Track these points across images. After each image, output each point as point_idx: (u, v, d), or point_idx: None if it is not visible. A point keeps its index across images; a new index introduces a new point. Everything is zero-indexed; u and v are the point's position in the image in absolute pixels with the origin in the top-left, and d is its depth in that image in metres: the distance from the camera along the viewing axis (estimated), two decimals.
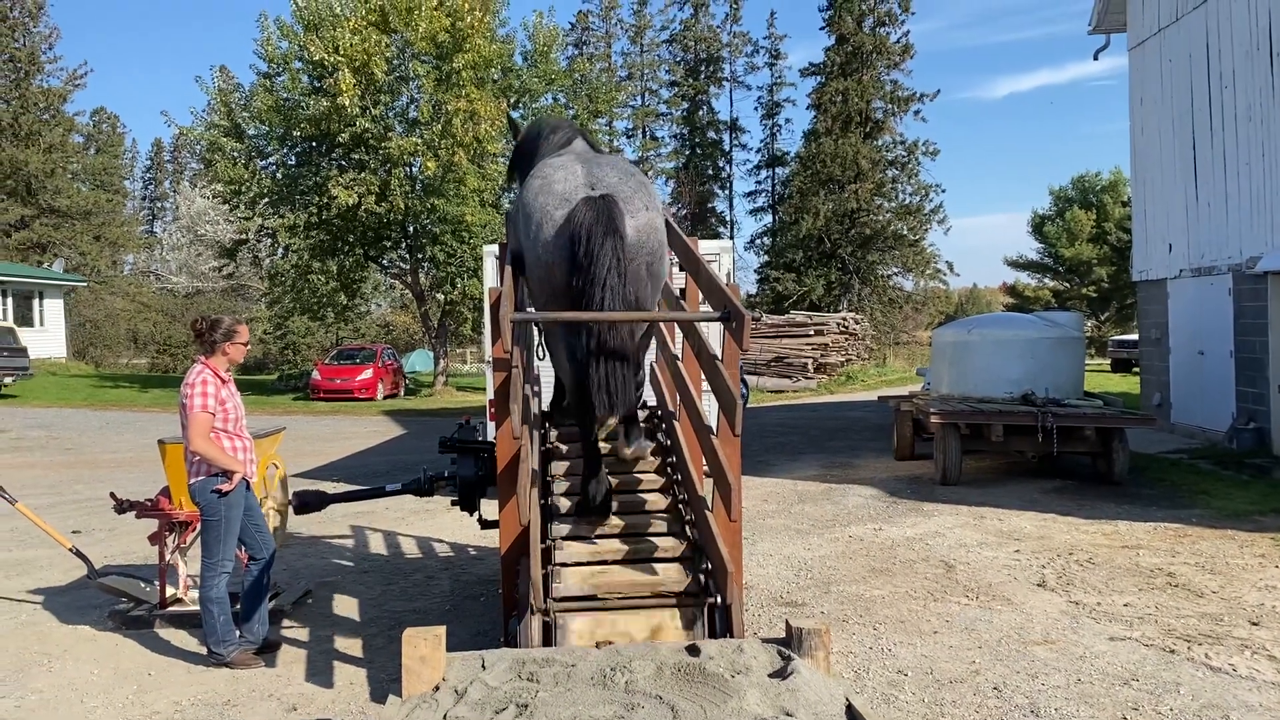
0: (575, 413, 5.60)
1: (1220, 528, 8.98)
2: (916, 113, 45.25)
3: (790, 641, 4.33)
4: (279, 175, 27.49)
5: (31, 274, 38.38)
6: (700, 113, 53.50)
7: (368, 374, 28.51)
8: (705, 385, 5.61)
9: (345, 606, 7.02)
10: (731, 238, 55.05)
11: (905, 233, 45.22)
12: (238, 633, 5.77)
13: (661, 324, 6.55)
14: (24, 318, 35.64)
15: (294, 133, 26.57)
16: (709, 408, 6.04)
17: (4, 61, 47.61)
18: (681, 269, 6.18)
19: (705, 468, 5.69)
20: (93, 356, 43.12)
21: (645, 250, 5.13)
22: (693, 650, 4.28)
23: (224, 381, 5.68)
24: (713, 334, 7.35)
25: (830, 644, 4.33)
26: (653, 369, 7.14)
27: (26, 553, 8.69)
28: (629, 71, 54.21)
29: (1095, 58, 18.89)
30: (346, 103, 24.50)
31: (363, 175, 25.74)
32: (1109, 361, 36.73)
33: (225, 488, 5.52)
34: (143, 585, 6.77)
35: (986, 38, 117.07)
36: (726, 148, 54.67)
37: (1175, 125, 15.77)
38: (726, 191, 54.90)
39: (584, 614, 4.62)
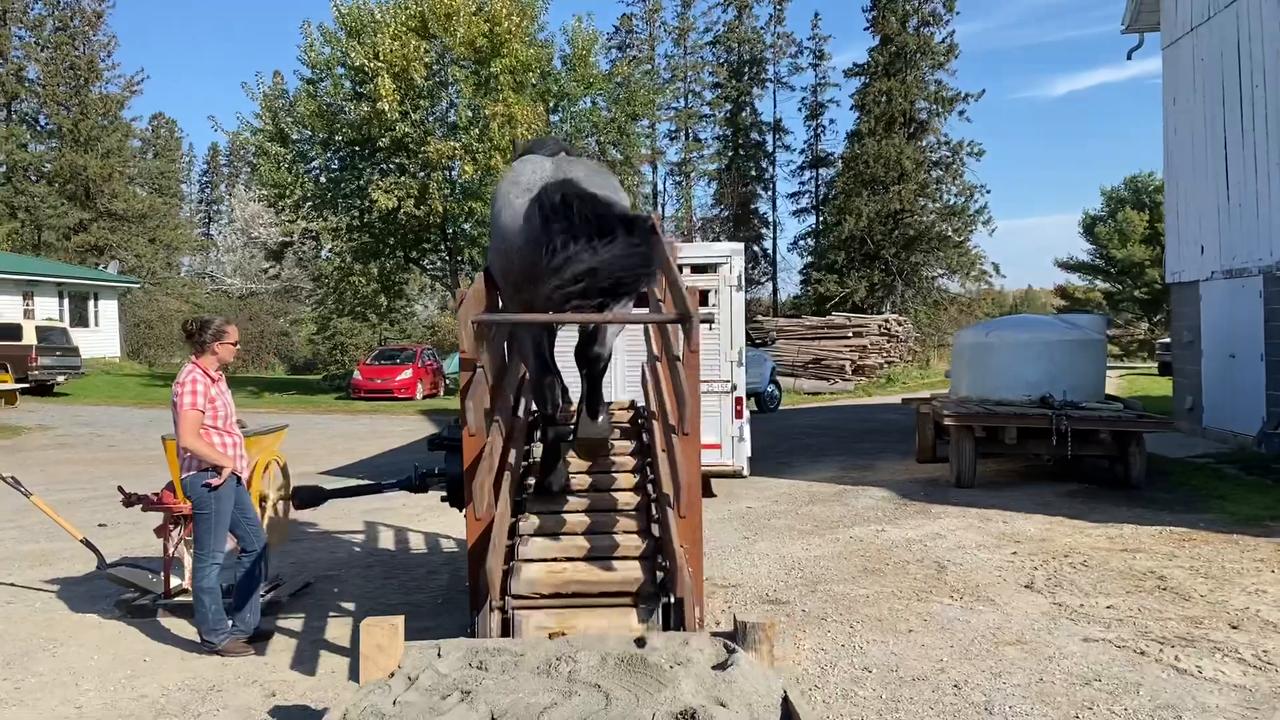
0: (537, 402, 5.76)
1: (1227, 532, 8.91)
2: (961, 113, 44.96)
3: (736, 635, 4.46)
4: (322, 179, 28.05)
5: (87, 275, 39.47)
6: (743, 114, 53.48)
7: (407, 374, 28.94)
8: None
9: (343, 599, 7.25)
10: (774, 239, 55.05)
11: (950, 234, 44.84)
12: (230, 622, 6.01)
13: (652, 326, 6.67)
14: (80, 318, 36.68)
15: (336, 137, 27.12)
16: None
17: (65, 69, 48.92)
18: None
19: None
20: (146, 356, 44.18)
21: (615, 207, 5.23)
22: (640, 642, 4.41)
23: (214, 380, 5.91)
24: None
25: (774, 637, 4.44)
26: (643, 370, 7.28)
27: (52, 545, 9.04)
28: (672, 73, 54.27)
29: (1128, 57, 18.68)
30: (386, 108, 24.95)
31: (402, 179, 26.20)
32: (1156, 365, 36.18)
33: (215, 482, 5.75)
34: (150, 576, 7.04)
35: (1044, 36, 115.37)
36: (770, 149, 54.66)
37: (1207, 125, 15.56)
38: (769, 193, 54.85)
39: (541, 611, 4.77)
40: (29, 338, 25.33)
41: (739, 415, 11.15)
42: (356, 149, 27.63)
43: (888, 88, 44.55)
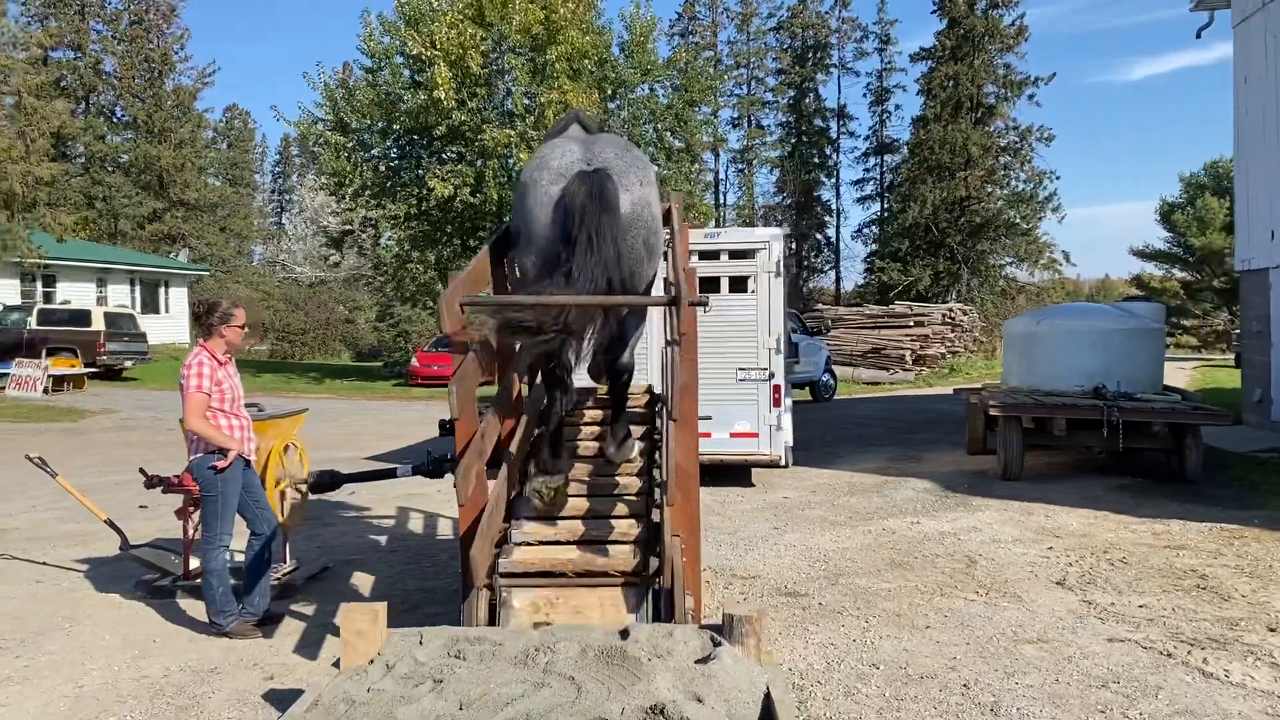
0: (545, 388, 5.69)
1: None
2: (1031, 97, 43.80)
3: (723, 628, 4.33)
4: (381, 168, 28.30)
5: (158, 263, 40.47)
6: (807, 100, 52.83)
7: None
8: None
9: (360, 583, 7.26)
10: (837, 227, 54.32)
11: (1017, 221, 43.79)
12: (238, 604, 6.02)
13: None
14: (150, 305, 37.64)
15: (394, 126, 27.33)
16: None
17: (140, 62, 50.14)
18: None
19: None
20: None
21: (640, 224, 5.15)
22: (624, 633, 4.31)
23: (221, 363, 5.92)
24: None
25: (761, 631, 4.31)
26: (664, 356, 7.16)
27: (90, 526, 9.16)
28: (735, 60, 53.85)
29: (1198, 36, 17.94)
30: (443, 96, 25.06)
31: (459, 167, 26.32)
32: (1234, 356, 34.97)
33: (221, 465, 5.77)
34: (172, 558, 7.11)
35: (1119, 18, 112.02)
36: (834, 135, 53.85)
37: (1279, 105, 14.90)
38: (833, 180, 54.10)
39: (528, 590, 4.69)
40: (98, 324, 25.99)
41: (777, 404, 10.97)
42: (414, 137, 27.84)
43: (954, 72, 43.62)
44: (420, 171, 27.15)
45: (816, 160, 53.11)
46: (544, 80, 25.99)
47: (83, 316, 26.41)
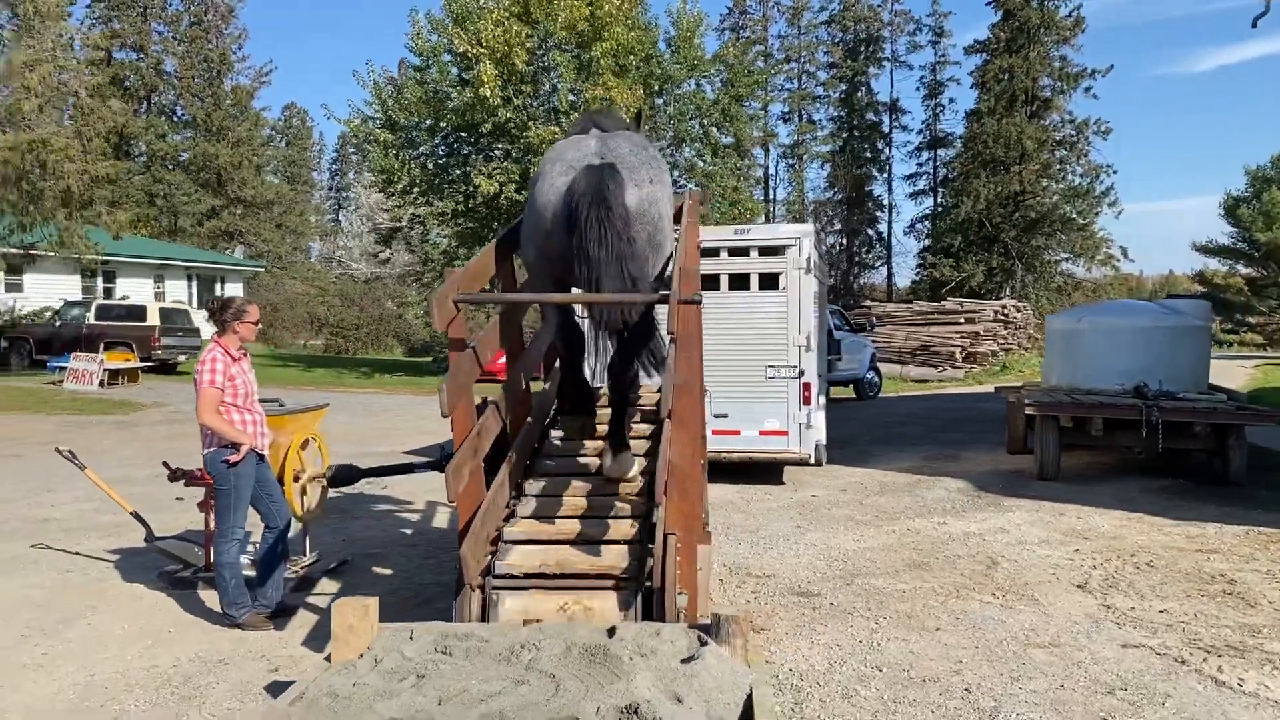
0: (566, 384, 5.70)
1: None
2: (1087, 90, 42.92)
3: (710, 628, 4.31)
4: (429, 165, 28.56)
5: (215, 259, 41.27)
6: (859, 94, 52.33)
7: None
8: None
9: (377, 577, 7.33)
10: (889, 223, 53.77)
11: (1073, 216, 42.97)
12: (250, 596, 6.12)
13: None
14: (207, 300, 38.36)
15: (442, 124, 27.56)
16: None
17: (199, 62, 51.09)
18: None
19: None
20: (271, 338, 45.88)
21: (646, 220, 5.14)
22: (611, 632, 4.31)
23: (235, 359, 6.02)
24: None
25: (748, 632, 4.28)
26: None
27: (126, 517, 9.38)
28: (786, 54, 53.53)
29: (1253, 25, 17.45)
30: (488, 93, 25.20)
31: (504, 164, 26.46)
32: None
33: (233, 459, 5.86)
34: (195, 549, 7.25)
35: (1186, 8, 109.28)
36: (886, 130, 53.32)
37: None
38: (885, 175, 53.54)
39: (521, 592, 4.70)
40: (153, 319, 26.53)
41: (807, 401, 10.89)
42: (461, 135, 28.05)
43: (1009, 64, 42.93)
44: (467, 169, 27.35)
45: (868, 155, 52.59)
46: (589, 77, 26.02)
47: (138, 312, 27.00)
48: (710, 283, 11.17)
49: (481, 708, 3.66)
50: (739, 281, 11.08)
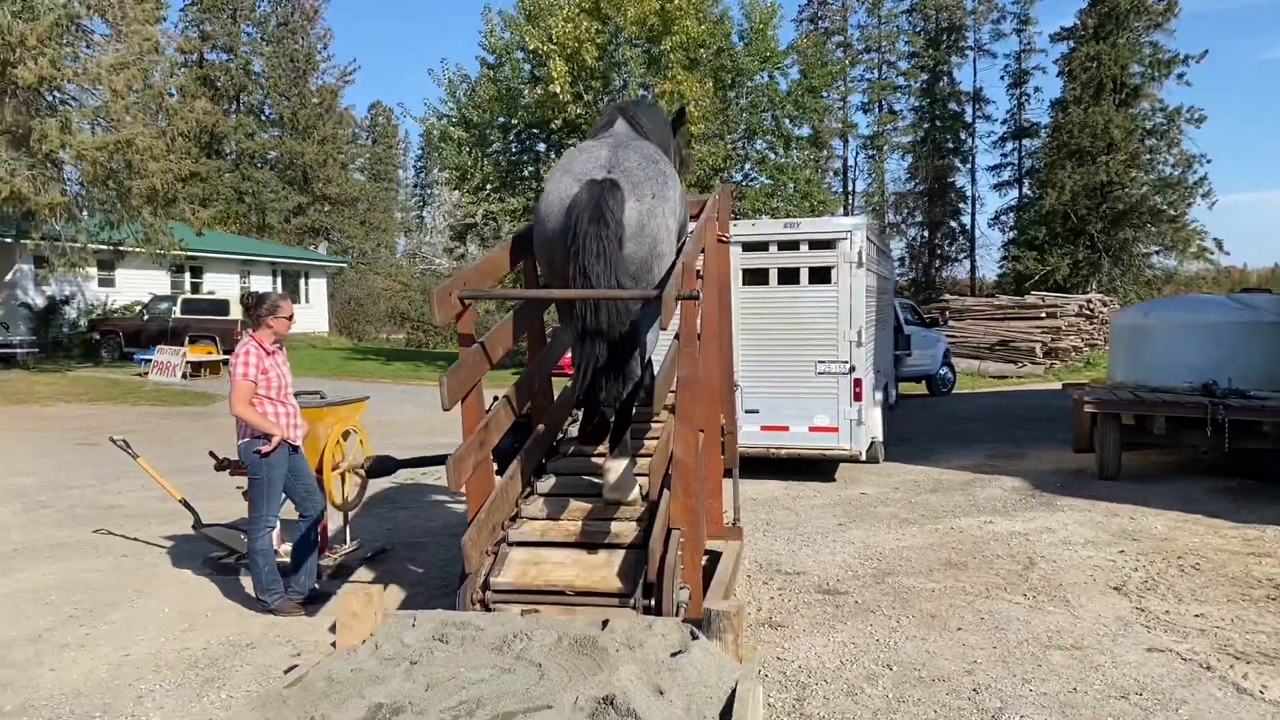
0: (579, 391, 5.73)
1: None
2: (1180, 76, 41.47)
3: (702, 622, 4.32)
4: (501, 162, 28.90)
5: (299, 255, 42.35)
6: (941, 84, 51.35)
7: None
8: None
9: (413, 566, 7.49)
10: (972, 215, 52.71)
11: (1164, 208, 41.59)
12: (284, 583, 6.32)
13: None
14: (292, 295, 39.39)
15: (514, 121, 27.86)
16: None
17: (285, 62, 52.43)
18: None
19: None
20: (355, 331, 46.95)
21: (646, 235, 5.13)
22: (604, 624, 4.35)
23: (268, 353, 6.21)
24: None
25: (740, 627, 4.28)
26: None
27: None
28: (865, 44, 52.80)
29: None
30: (558, 90, 25.39)
31: None
32: None
33: (265, 449, 6.05)
34: (241, 537, 7.46)
35: None
36: (969, 120, 52.21)
37: None
38: (968, 166, 52.45)
39: (518, 607, 4.77)
40: (235, 313, 27.35)
41: (858, 398, 10.78)
42: (534, 131, 28.31)
43: (1097, 51, 41.67)
44: (538, 165, 27.61)
45: (950, 146, 51.60)
46: (659, 71, 26.05)
47: (221, 306, 27.87)
48: (759, 277, 11.14)
49: (462, 694, 3.74)
50: (788, 276, 11.02)
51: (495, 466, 6.69)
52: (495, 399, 5.64)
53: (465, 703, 3.67)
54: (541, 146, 28.74)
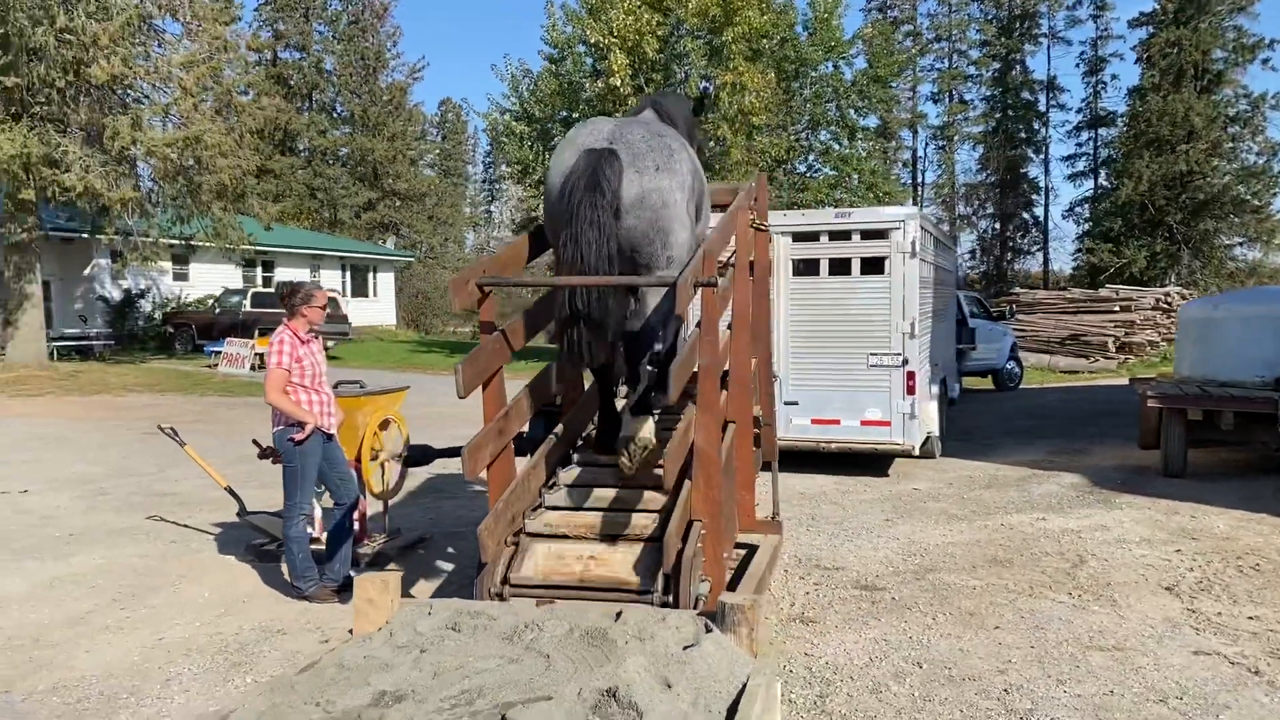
0: (602, 414, 5.69)
1: None
2: (1265, 61, 40.04)
3: (716, 616, 4.24)
4: None
5: (367, 250, 43.02)
6: (1013, 73, 50.22)
7: None
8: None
9: (449, 556, 7.51)
10: (1045, 206, 51.53)
11: (1248, 198, 40.19)
12: (319, 570, 6.37)
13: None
14: (360, 289, 40.08)
15: (575, 115, 27.91)
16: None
17: (356, 59, 53.21)
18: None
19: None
20: (422, 325, 47.52)
21: (646, 206, 5.04)
22: (618, 616, 4.29)
23: (303, 342, 6.26)
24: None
25: (755, 621, 4.19)
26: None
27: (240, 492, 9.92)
28: (935, 33, 51.90)
29: None
30: (619, 83, 25.36)
31: None
32: None
33: (298, 437, 6.11)
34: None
35: None
36: (1042, 109, 51.01)
37: None
38: (1041, 156, 51.26)
39: (545, 542, 4.74)
40: None
41: (911, 391, 10.56)
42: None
43: (1177, 37, 40.39)
44: None
45: (1023, 135, 50.44)
46: (720, 63, 25.88)
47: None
48: (810, 268, 10.99)
49: (465, 683, 3.71)
50: (840, 266, 10.84)
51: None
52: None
53: (467, 692, 3.64)
54: None
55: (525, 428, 6.70)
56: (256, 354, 24.50)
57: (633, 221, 4.97)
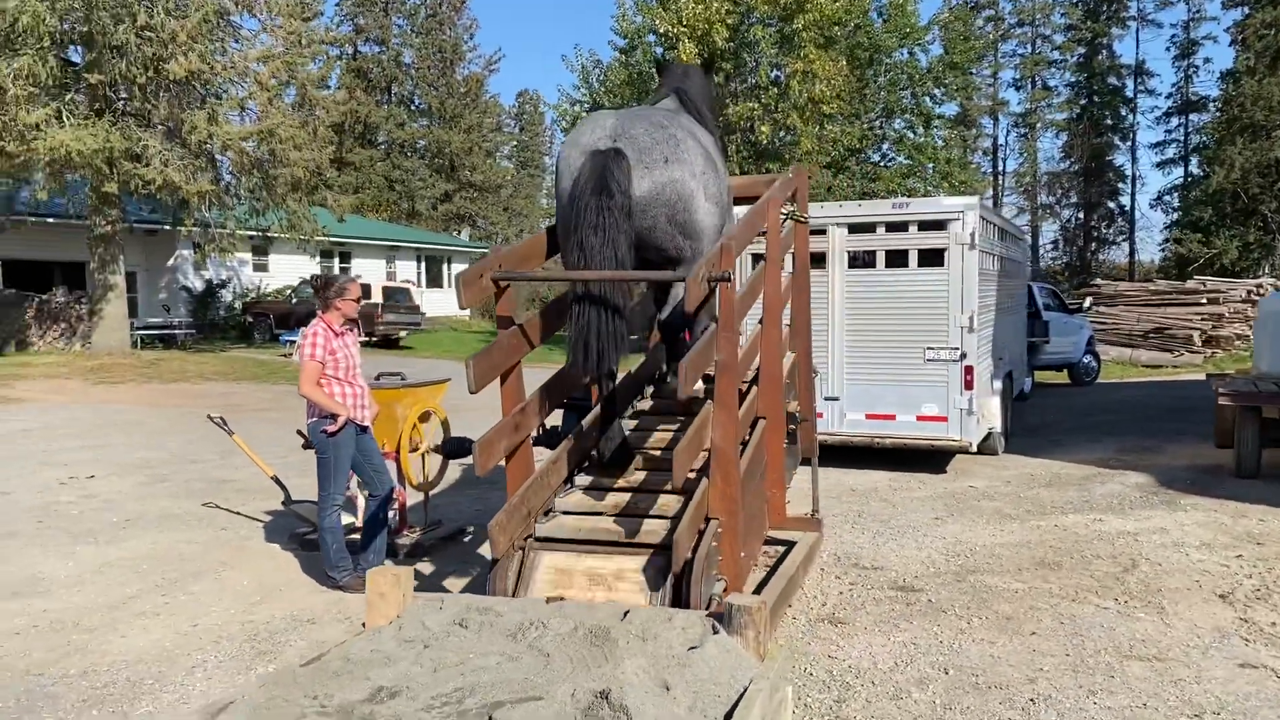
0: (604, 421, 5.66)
1: None
2: None
3: (723, 618, 4.16)
4: None
5: (442, 241, 43.60)
6: (1099, 57, 48.74)
7: None
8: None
9: (487, 548, 7.51)
10: (1132, 195, 49.94)
11: None
12: (353, 560, 6.43)
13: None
14: (435, 279, 40.60)
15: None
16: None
17: (433, 53, 53.86)
18: None
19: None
20: (495, 315, 47.97)
21: (661, 203, 5.01)
22: (625, 615, 4.24)
23: (337, 334, 6.31)
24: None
25: (762, 623, 4.10)
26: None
27: (295, 480, 10.09)
28: (1018, 18, 50.59)
29: None
30: None
31: None
32: None
33: (330, 429, 6.17)
34: None
35: None
36: (1130, 95, 49.42)
37: None
38: (1128, 143, 49.69)
39: (555, 552, 4.72)
40: (377, 297, 28.33)
41: (969, 386, 10.30)
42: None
43: (1275, 18, 38.73)
44: None
45: (1109, 122, 48.95)
46: (791, 50, 25.56)
47: (364, 290, 28.94)
48: (865, 260, 10.79)
49: (459, 680, 3.69)
50: (897, 258, 10.62)
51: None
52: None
53: (460, 689, 3.63)
54: None
55: (559, 422, 6.74)
56: None
57: (649, 220, 4.93)
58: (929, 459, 11.03)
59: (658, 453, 5.57)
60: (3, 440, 13.03)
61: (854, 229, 10.70)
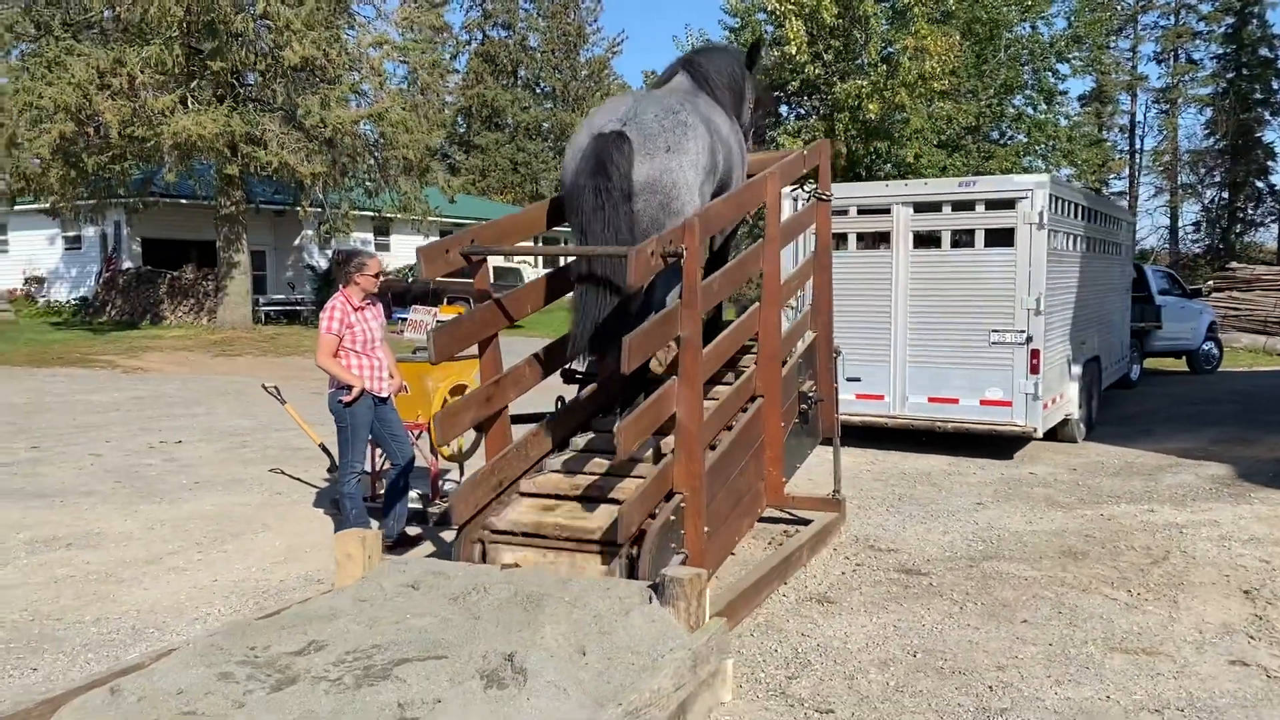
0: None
1: None
2: None
3: (658, 588, 4.23)
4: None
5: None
6: (1249, 28, 45.69)
7: None
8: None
9: None
10: None
11: None
12: (374, 525, 6.70)
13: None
14: (550, 260, 41.20)
15: None
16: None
17: (558, 36, 54.49)
18: None
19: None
20: None
21: (656, 190, 5.07)
22: (568, 584, 4.34)
23: (355, 308, 6.56)
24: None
25: (696, 595, 4.14)
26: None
27: None
28: None
29: None
30: (794, 51, 24.88)
31: (811, 121, 26.11)
32: None
33: (346, 399, 6.43)
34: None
35: None
36: None
37: None
38: (1279, 119, 46.55)
39: (512, 548, 4.83)
40: (490, 276, 28.97)
41: (1035, 370, 9.97)
42: (773, 94, 27.93)
43: None
44: (776, 128, 27.25)
45: (1259, 97, 45.90)
46: (902, 26, 24.94)
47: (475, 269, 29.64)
48: (931, 239, 10.56)
49: (382, 637, 3.86)
50: (963, 238, 10.36)
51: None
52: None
53: (377, 646, 3.79)
54: (783, 110, 28.35)
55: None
56: (438, 321, 25.73)
57: (642, 205, 5.00)
58: (996, 445, 10.73)
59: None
60: (115, 407, 13.94)
61: (919, 208, 10.47)
